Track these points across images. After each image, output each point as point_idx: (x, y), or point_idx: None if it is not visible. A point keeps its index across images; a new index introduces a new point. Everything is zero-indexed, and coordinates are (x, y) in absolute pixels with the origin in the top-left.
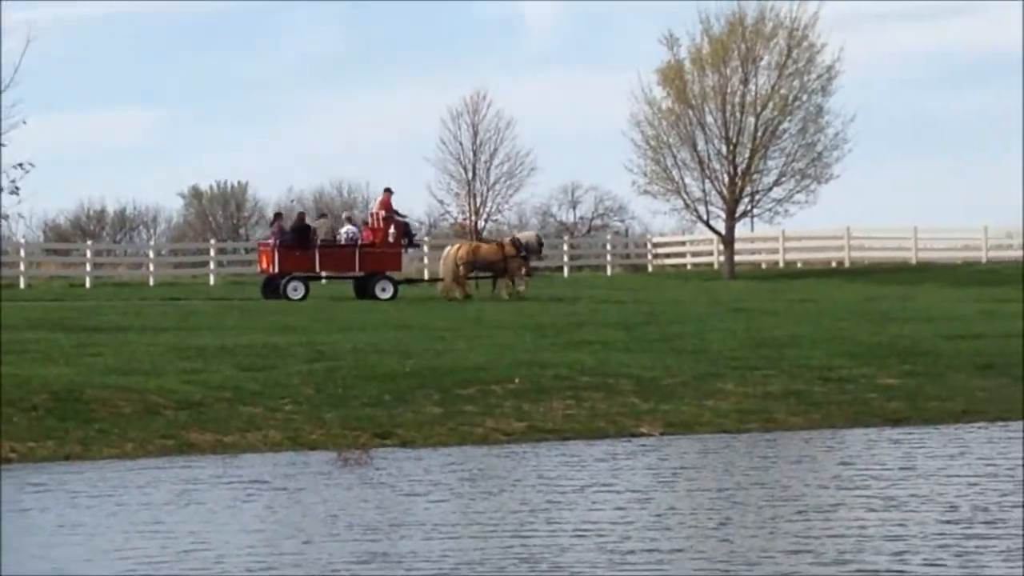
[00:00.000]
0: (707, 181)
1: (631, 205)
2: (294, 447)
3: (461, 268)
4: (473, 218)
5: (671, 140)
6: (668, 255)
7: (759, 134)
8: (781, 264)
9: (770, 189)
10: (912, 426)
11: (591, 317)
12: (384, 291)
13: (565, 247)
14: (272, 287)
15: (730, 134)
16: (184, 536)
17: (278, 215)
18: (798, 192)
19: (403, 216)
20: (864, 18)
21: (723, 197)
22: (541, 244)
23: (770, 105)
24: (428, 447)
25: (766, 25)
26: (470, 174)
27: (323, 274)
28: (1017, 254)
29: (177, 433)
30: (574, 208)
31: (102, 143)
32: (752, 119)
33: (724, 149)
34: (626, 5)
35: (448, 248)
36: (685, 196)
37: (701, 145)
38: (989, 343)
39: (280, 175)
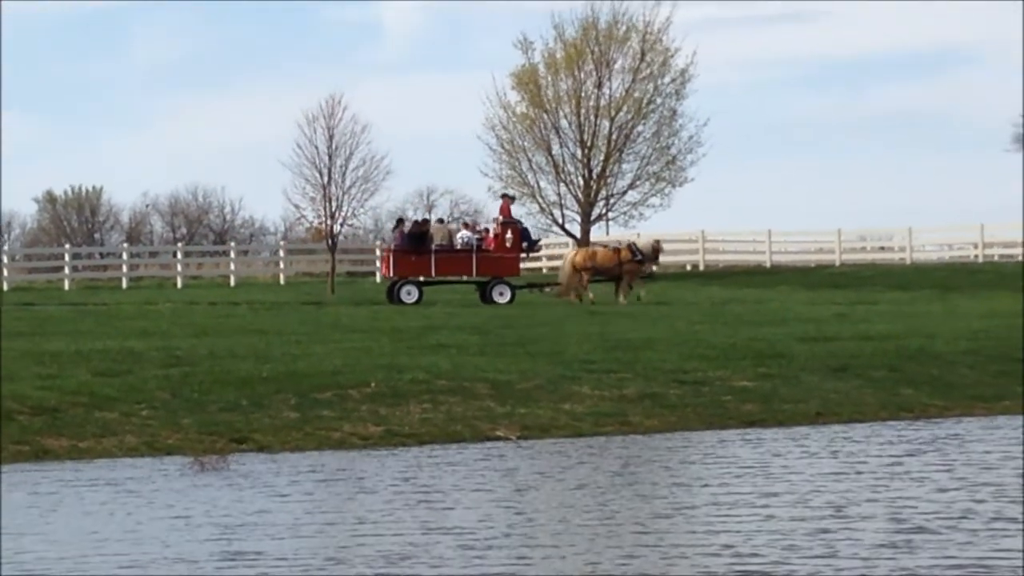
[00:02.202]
0: (562, 185)
1: (487, 209)
2: (150, 452)
3: (579, 273)
4: (329, 222)
5: (526, 144)
6: (524, 259)
7: (614, 138)
8: None
9: (625, 192)
10: (766, 428)
11: (447, 321)
12: (502, 295)
13: None
14: (391, 292)
15: (585, 138)
16: (42, 542)
17: (400, 220)
18: (653, 195)
19: (522, 222)
20: (718, 22)
21: (578, 201)
22: (659, 250)
23: (624, 109)
24: (285, 451)
25: (619, 29)
26: (326, 178)
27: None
28: (870, 256)
29: (32, 439)
30: (430, 212)
31: None
32: (606, 123)
33: (579, 153)
34: (483, 9)
35: (566, 254)
36: (540, 200)
37: (556, 149)
38: (843, 345)
39: (135, 180)
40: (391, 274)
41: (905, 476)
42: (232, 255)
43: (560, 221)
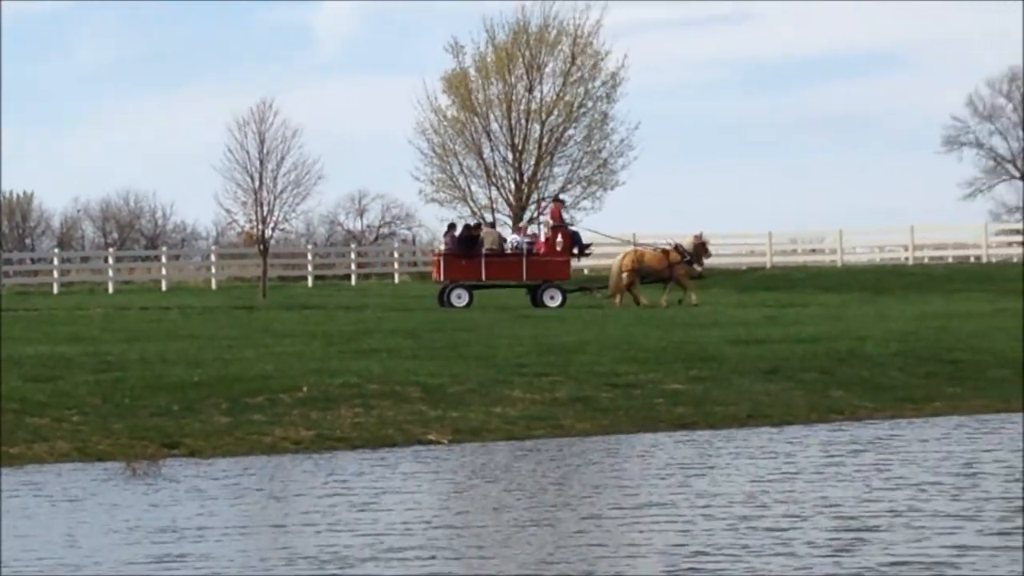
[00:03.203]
0: (493, 188)
1: (418, 213)
2: (82, 458)
3: (626, 276)
4: (260, 227)
5: (457, 148)
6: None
7: (545, 141)
8: None
9: (556, 196)
10: (698, 430)
11: (378, 325)
12: (553, 299)
13: (352, 255)
14: (441, 296)
15: (516, 141)
16: None
17: (452, 225)
18: (584, 199)
19: (573, 226)
20: (650, 25)
21: (510, 204)
22: (704, 247)
23: (555, 112)
24: (216, 456)
25: (550, 33)
26: (257, 183)
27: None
28: (801, 259)
29: None
30: (361, 216)
31: None
32: (537, 126)
33: (510, 156)
34: (415, 12)
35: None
36: (472, 203)
37: (487, 153)
38: (774, 348)
39: (67, 185)
40: (442, 278)
41: (842, 475)
42: (164, 260)
43: (492, 225)
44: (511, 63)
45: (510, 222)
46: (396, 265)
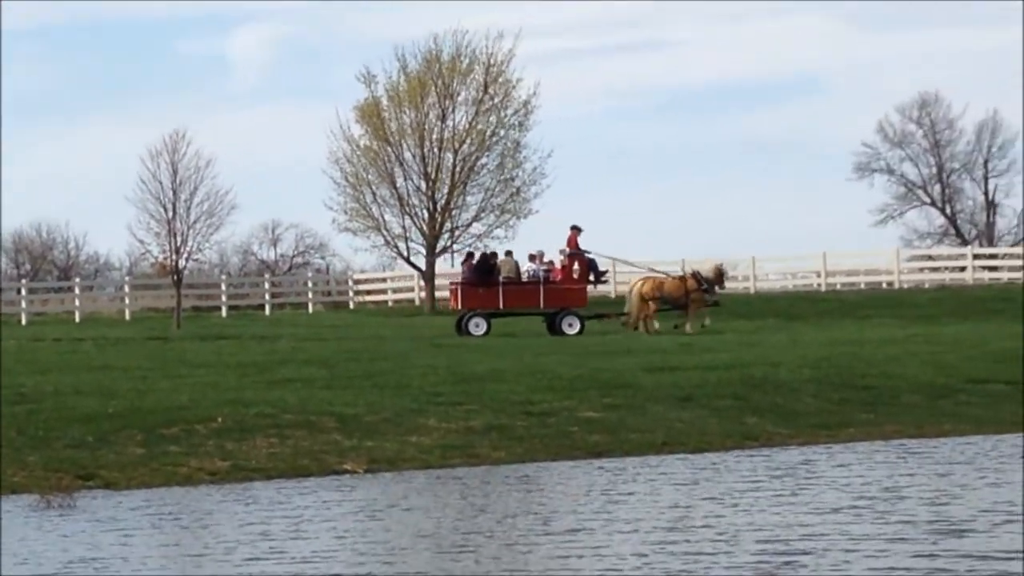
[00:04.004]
0: (407, 217)
1: (332, 242)
2: None
3: (647, 303)
4: (174, 257)
5: (370, 177)
6: (369, 292)
7: (458, 170)
8: None
9: (469, 225)
10: (613, 458)
11: (293, 355)
12: (571, 326)
13: (266, 285)
14: (459, 324)
15: (429, 170)
16: None
17: (470, 255)
18: (497, 227)
19: (589, 253)
20: (564, 53)
21: (423, 233)
22: (722, 275)
23: (468, 141)
24: (131, 488)
25: (462, 61)
26: (170, 213)
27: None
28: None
29: None
30: (275, 246)
31: None
32: (450, 155)
33: (423, 185)
34: (328, 41)
35: (632, 283)
36: (385, 233)
37: (400, 182)
38: (688, 375)
39: None
40: (460, 307)
41: (766, 501)
42: (77, 291)
43: (405, 254)
44: (423, 92)
45: (423, 251)
46: (310, 295)
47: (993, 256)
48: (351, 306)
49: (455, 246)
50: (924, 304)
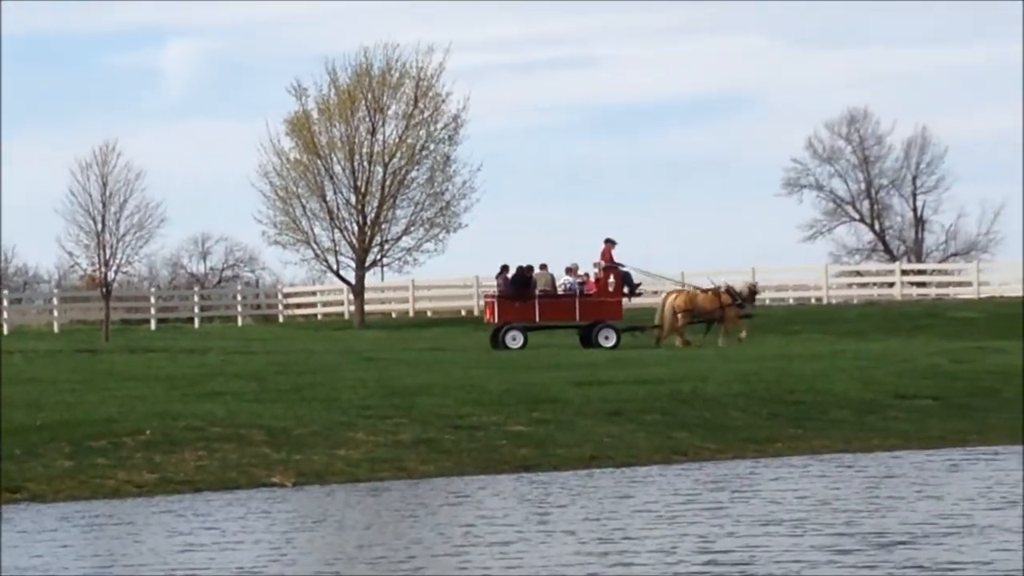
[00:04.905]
0: (336, 231)
1: (262, 255)
2: None
3: (679, 317)
4: (103, 270)
5: (300, 190)
6: (299, 305)
7: (387, 184)
8: (411, 313)
9: (399, 238)
10: (541, 472)
11: (222, 368)
12: (607, 339)
13: (195, 298)
14: (495, 338)
15: (359, 184)
16: None
17: (504, 267)
18: (427, 241)
19: (624, 266)
20: (496, 68)
21: (353, 247)
22: (755, 292)
23: (398, 155)
24: (59, 500)
25: (392, 75)
26: (99, 226)
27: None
28: (647, 301)
29: None
30: (204, 259)
31: None
32: (380, 169)
33: (353, 199)
34: (259, 54)
35: (665, 297)
36: (315, 246)
37: (330, 195)
38: (617, 389)
39: None
40: (495, 320)
41: (702, 514)
42: (5, 303)
43: (335, 267)
44: (354, 105)
45: (353, 265)
46: (239, 308)
47: (921, 272)
48: (281, 319)
49: (385, 260)
50: (852, 320)
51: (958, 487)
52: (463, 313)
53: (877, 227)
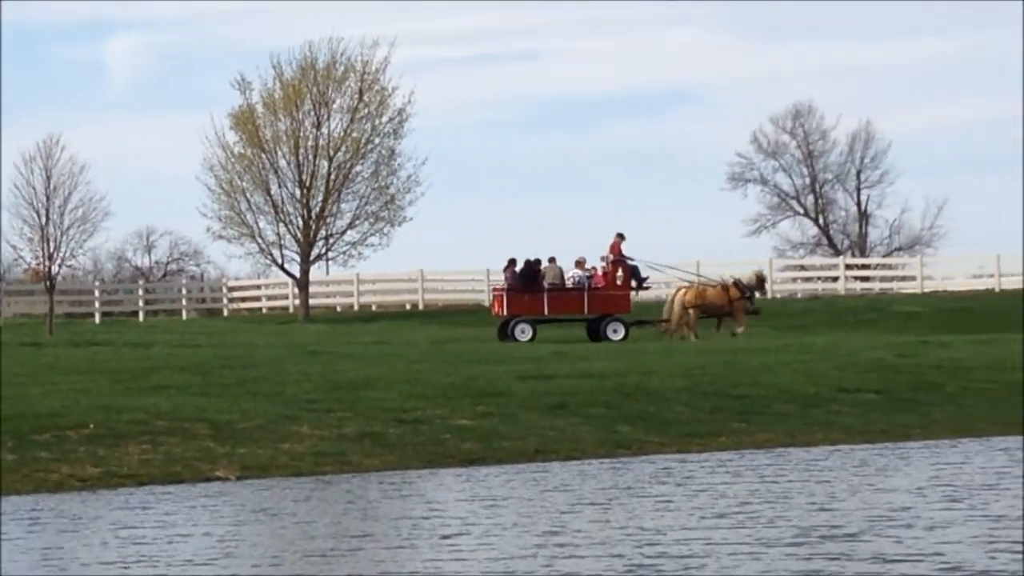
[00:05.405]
0: (281, 225)
1: (207, 249)
2: None
3: (690, 312)
4: (47, 263)
5: (245, 184)
6: (244, 299)
7: (332, 177)
8: (356, 307)
9: (344, 232)
10: (486, 466)
11: (166, 362)
12: (616, 332)
13: (140, 292)
14: (503, 330)
15: (304, 178)
16: None
17: (512, 261)
18: (372, 235)
19: (632, 260)
20: (441, 62)
21: (297, 241)
22: (762, 280)
23: (343, 148)
24: (2, 495)
25: (337, 69)
26: (43, 219)
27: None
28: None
29: None
30: (149, 252)
31: None
32: (325, 162)
33: (298, 193)
34: (204, 48)
35: (675, 292)
36: (260, 240)
37: (275, 189)
38: (561, 383)
39: None
40: (504, 313)
41: (649, 506)
42: None
43: (280, 261)
44: (299, 99)
45: (298, 259)
46: (184, 302)
47: (865, 267)
48: (225, 313)
49: (329, 253)
50: (797, 314)
51: (904, 480)
52: (408, 307)
53: (821, 221)
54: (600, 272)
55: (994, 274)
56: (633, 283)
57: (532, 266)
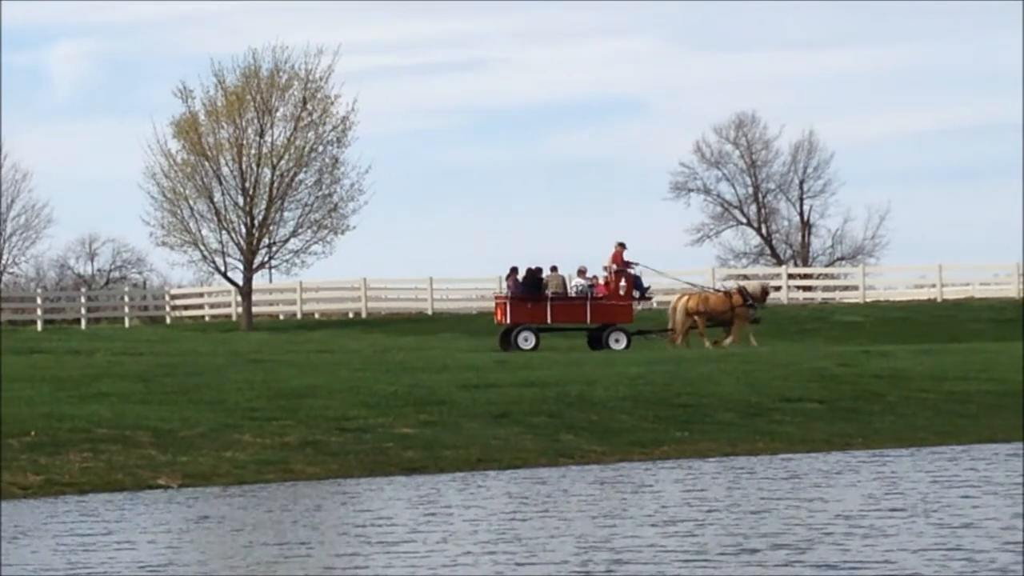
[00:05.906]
0: (224, 233)
1: (149, 257)
2: None
3: (696, 319)
4: None
5: (187, 192)
6: (187, 307)
7: (276, 185)
8: (299, 315)
9: (287, 240)
10: (428, 474)
11: (108, 369)
12: (618, 342)
13: (82, 299)
14: (506, 338)
15: (247, 185)
16: None
17: (514, 269)
18: (315, 243)
19: (635, 269)
20: (379, 72)
21: (240, 248)
22: (766, 293)
23: (286, 156)
24: None
25: (281, 77)
26: None
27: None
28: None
29: None
30: (92, 260)
31: None
32: (268, 170)
33: (241, 200)
34: (146, 55)
35: (676, 300)
36: (203, 248)
37: (218, 197)
38: (504, 392)
39: None
40: (506, 321)
41: (591, 514)
42: None
43: (223, 269)
44: (242, 107)
45: (241, 266)
46: (127, 309)
47: (807, 276)
48: (168, 321)
49: (272, 261)
50: None
51: (847, 489)
52: (351, 315)
53: (764, 231)
54: (602, 282)
55: (936, 284)
56: (636, 293)
57: (534, 275)
